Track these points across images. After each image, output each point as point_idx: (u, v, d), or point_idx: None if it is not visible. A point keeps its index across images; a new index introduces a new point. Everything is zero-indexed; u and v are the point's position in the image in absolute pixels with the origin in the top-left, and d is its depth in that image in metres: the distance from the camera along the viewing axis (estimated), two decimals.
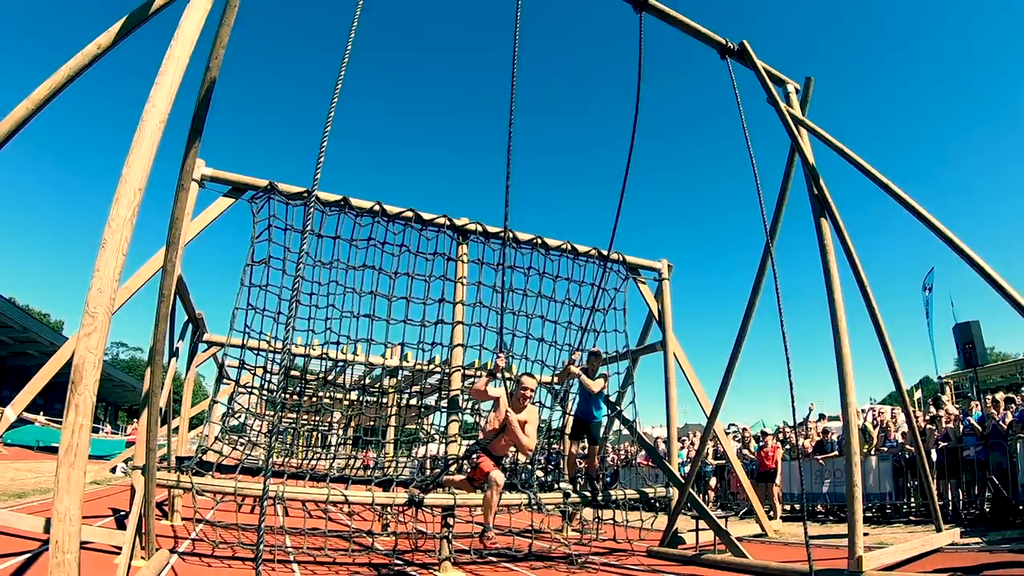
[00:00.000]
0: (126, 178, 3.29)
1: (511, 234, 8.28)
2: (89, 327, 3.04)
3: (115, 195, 3.27)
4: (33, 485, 12.46)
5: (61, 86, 3.43)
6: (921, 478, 8.93)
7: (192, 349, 10.59)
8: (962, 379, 18.08)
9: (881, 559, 6.36)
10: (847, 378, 6.32)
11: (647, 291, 9.38)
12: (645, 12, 6.54)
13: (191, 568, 5.97)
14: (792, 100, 7.66)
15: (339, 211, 7.77)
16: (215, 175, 7.26)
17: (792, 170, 7.45)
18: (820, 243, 6.81)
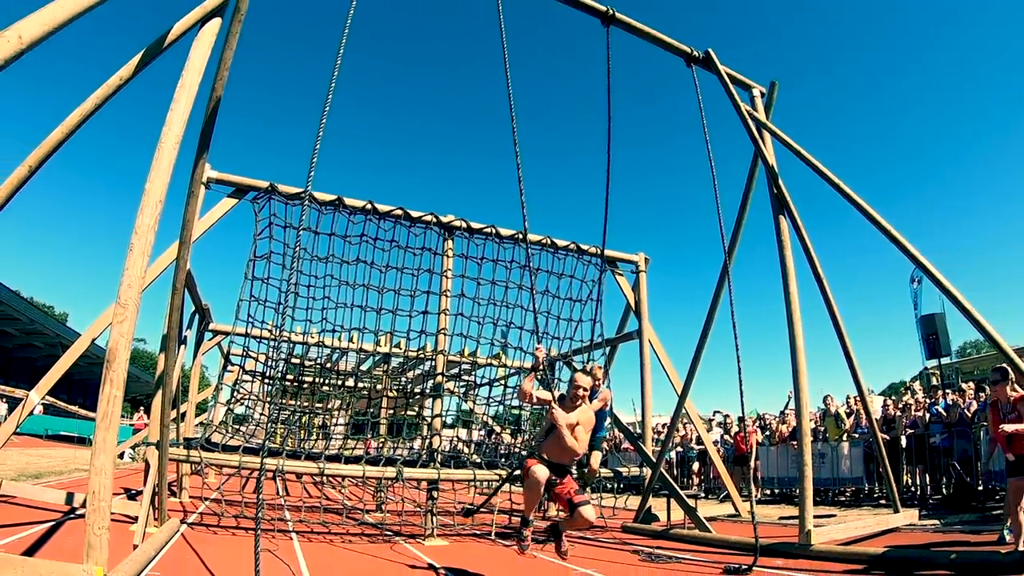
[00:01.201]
0: (149, 192, 4.02)
1: (494, 229, 9.03)
2: (121, 316, 3.78)
3: (140, 206, 4.00)
4: (47, 468, 13.31)
5: (89, 113, 4.14)
6: (878, 462, 9.67)
7: (199, 337, 11.41)
8: (949, 369, 18.72)
9: (831, 535, 7.10)
10: (800, 367, 7.02)
11: (624, 283, 10.10)
12: (613, 26, 7.20)
13: (199, 535, 6.77)
14: (757, 104, 8.33)
15: (334, 210, 8.53)
16: (220, 177, 8.01)
17: (756, 170, 8.12)
18: (778, 239, 7.50)
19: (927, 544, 6.87)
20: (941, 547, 6.53)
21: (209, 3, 4.76)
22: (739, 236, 8.26)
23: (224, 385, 12.38)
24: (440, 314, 8.64)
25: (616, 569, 5.99)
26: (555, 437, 4.83)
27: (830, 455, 11.64)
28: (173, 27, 4.55)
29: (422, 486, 8.01)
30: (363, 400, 12.70)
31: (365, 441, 12.07)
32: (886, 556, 5.94)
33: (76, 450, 22.13)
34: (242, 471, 7.40)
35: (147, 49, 4.40)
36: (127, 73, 4.27)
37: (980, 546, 6.34)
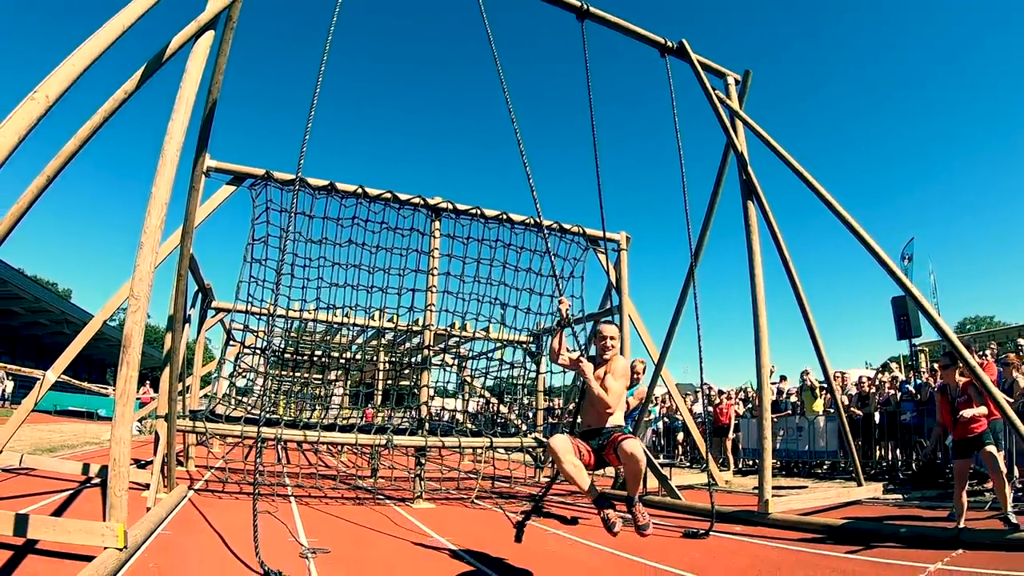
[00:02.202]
0: (155, 196, 4.64)
1: (479, 210, 9.66)
2: (135, 307, 4.43)
3: (147, 208, 4.62)
4: (60, 442, 14.16)
5: (98, 125, 4.70)
6: (841, 437, 10.36)
7: (202, 315, 12.14)
8: (936, 347, 19.32)
9: (791, 504, 7.77)
10: (762, 345, 7.63)
11: (606, 260, 10.71)
12: (587, 20, 7.67)
13: (204, 500, 7.54)
14: (731, 92, 8.82)
15: (327, 195, 9.14)
16: (219, 166, 8.63)
17: (728, 157, 8.65)
18: (746, 223, 8.06)
19: (883, 517, 7.37)
20: (896, 520, 7.00)
21: (202, 17, 5.30)
22: (711, 219, 8.83)
23: (226, 360, 13.18)
24: (428, 291, 9.34)
25: (583, 531, 6.68)
26: (588, 398, 4.45)
27: (807, 429, 12.33)
28: (171, 42, 5.09)
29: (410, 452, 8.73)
30: (360, 372, 13.50)
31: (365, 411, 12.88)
32: (841, 527, 6.43)
33: (86, 424, 23.14)
34: (245, 440, 8.15)
35: (148, 64, 4.95)
36: (131, 87, 4.83)
37: (931, 521, 6.76)
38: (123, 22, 4.06)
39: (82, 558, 4.03)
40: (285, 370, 13.81)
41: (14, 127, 3.07)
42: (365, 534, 6.09)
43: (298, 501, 7.90)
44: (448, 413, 13.89)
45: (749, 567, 5.05)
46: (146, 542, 4.95)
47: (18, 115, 3.13)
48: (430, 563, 5.05)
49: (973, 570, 4.74)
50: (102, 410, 27.14)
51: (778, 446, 12.79)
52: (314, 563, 4.68)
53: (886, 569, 4.99)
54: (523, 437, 9.22)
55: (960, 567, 4.83)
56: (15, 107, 3.14)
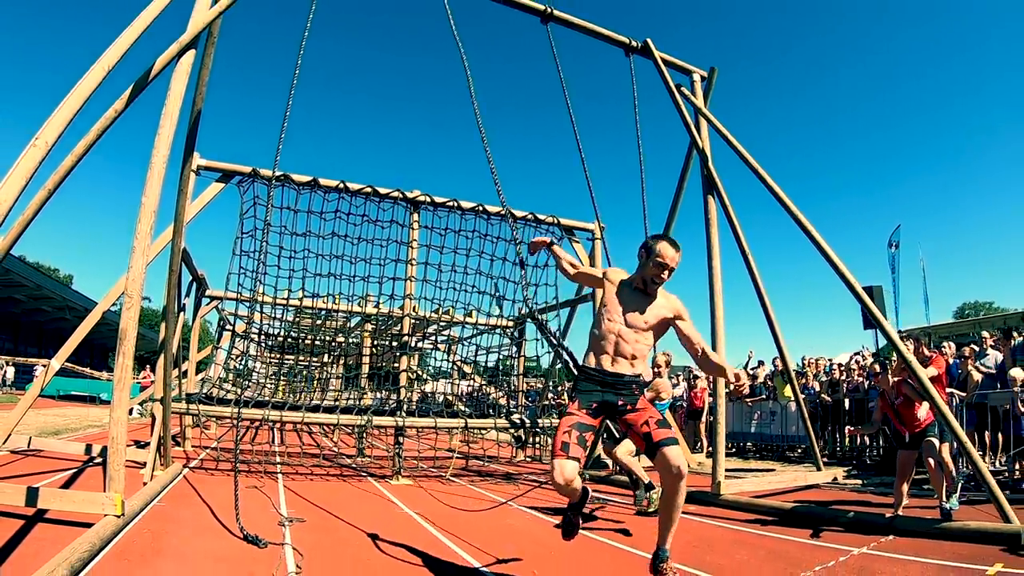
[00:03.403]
0: (144, 205, 5.31)
1: (456, 203, 10.35)
2: (128, 304, 5.14)
3: (139, 216, 5.31)
4: (63, 425, 15.02)
5: (92, 143, 5.34)
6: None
7: (197, 303, 12.92)
8: (945, 331, 20.00)
9: (743, 487, 8.40)
10: (718, 332, 8.28)
11: (581, 250, 11.37)
12: (551, 23, 8.24)
13: (198, 477, 8.32)
14: (696, 89, 9.38)
15: (310, 190, 9.80)
16: (208, 165, 9.33)
17: (692, 154, 9.23)
18: (705, 218, 8.69)
19: (835, 501, 7.81)
20: (846, 505, 7.38)
21: (184, 38, 5.93)
22: (676, 212, 9.44)
23: (220, 347, 13.99)
24: (407, 280, 10.06)
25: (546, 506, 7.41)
26: (604, 329, 3.57)
27: (780, 414, 13.03)
28: (155, 62, 5.73)
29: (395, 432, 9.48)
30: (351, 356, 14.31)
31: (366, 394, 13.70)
32: (789, 510, 6.93)
33: (88, 408, 24.09)
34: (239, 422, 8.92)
35: (135, 84, 5.59)
36: (120, 105, 5.48)
37: (879, 507, 7.04)
38: (109, 62, 4.71)
39: (85, 525, 4.71)
40: (275, 354, 14.67)
41: (22, 171, 3.75)
42: (341, 507, 6.84)
43: (285, 478, 8.68)
44: (442, 396, 14.72)
45: (687, 543, 5.45)
46: (142, 512, 5.70)
47: (24, 160, 3.81)
48: (393, 530, 5.78)
49: (892, 555, 5.13)
50: (104, 394, 28.13)
51: (753, 430, 13.51)
52: (289, 530, 5.42)
53: (815, 550, 5.39)
54: (496, 418, 9.95)
55: (882, 552, 5.24)
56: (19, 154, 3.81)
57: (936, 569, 4.68)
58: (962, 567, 4.68)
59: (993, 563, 4.70)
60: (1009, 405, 8.85)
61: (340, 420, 8.75)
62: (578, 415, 3.52)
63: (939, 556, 5.02)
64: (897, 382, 6.92)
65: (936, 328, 20.97)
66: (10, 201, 3.61)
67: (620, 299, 3.67)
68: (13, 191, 3.66)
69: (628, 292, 3.70)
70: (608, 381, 3.54)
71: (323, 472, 9.17)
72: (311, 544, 5.04)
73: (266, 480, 8.31)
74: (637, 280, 3.72)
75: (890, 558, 5.04)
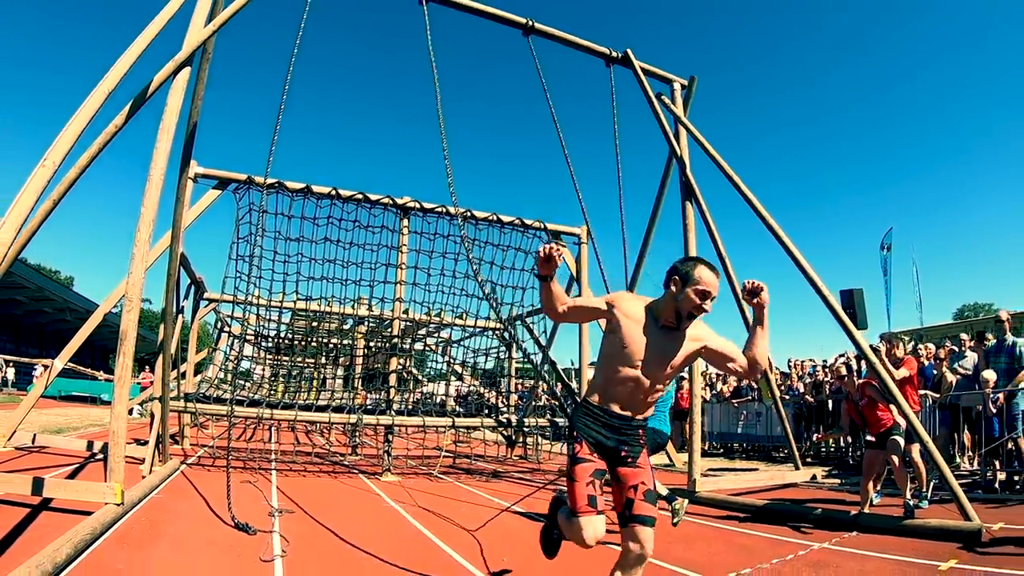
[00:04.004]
0: (143, 215, 5.74)
1: (445, 208, 10.80)
2: (128, 308, 5.57)
3: (138, 225, 5.73)
4: (65, 424, 15.45)
5: (94, 156, 5.76)
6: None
7: (195, 305, 13.36)
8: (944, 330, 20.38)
9: (719, 484, 8.77)
10: None
11: (568, 254, 11.78)
12: (533, 35, 8.65)
13: (195, 472, 8.74)
14: (676, 97, 9.77)
15: (303, 196, 10.23)
16: (205, 172, 9.77)
17: (672, 162, 9.62)
18: (683, 223, 9.07)
19: (809, 500, 8.04)
20: (819, 503, 7.63)
21: (179, 56, 6.36)
22: (657, 217, 9.85)
23: (218, 348, 14.45)
24: (397, 284, 10.49)
25: (529, 503, 7.78)
26: (620, 374, 3.00)
27: (766, 414, 13.41)
28: (152, 80, 6.17)
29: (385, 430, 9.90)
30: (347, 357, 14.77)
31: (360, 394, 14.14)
32: (762, 507, 7.24)
33: (89, 408, 24.56)
34: (235, 420, 9.35)
35: (134, 100, 6.02)
36: (120, 121, 5.91)
37: (851, 506, 7.23)
38: (109, 85, 5.14)
39: (87, 513, 5.14)
40: (271, 355, 15.14)
41: (33, 189, 4.19)
42: (330, 500, 7.26)
43: (279, 474, 9.10)
44: (439, 397, 15.15)
45: (661, 538, 5.65)
46: (141, 503, 6.13)
47: (34, 180, 4.25)
48: (376, 522, 6.21)
49: (852, 550, 5.39)
50: (105, 395, 28.59)
51: (739, 431, 13.92)
52: (278, 520, 5.84)
53: (780, 545, 5.66)
54: (484, 418, 10.37)
55: (843, 547, 5.50)
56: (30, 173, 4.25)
57: (892, 564, 4.90)
58: (918, 563, 4.89)
59: (948, 559, 4.91)
60: (981, 406, 9.16)
61: (331, 418, 9.18)
62: (592, 460, 3.02)
63: (898, 552, 5.24)
64: (862, 384, 7.21)
65: (928, 330, 21.32)
66: (24, 215, 4.05)
67: (643, 332, 2.99)
68: (26, 207, 4.11)
69: (652, 329, 2.99)
70: (614, 424, 3.06)
71: (316, 469, 9.60)
72: (297, 532, 5.46)
73: (260, 476, 8.73)
74: (666, 314, 3.01)
75: (849, 553, 5.30)
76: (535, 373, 13.77)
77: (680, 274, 2.99)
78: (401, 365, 14.95)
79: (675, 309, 2.98)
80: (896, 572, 4.72)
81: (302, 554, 4.75)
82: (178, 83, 6.34)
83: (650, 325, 3.01)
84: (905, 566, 4.83)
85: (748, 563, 4.89)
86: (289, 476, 8.94)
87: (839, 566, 4.88)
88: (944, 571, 4.66)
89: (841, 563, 4.97)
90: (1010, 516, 6.57)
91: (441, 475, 9.86)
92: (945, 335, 20.26)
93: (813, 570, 4.76)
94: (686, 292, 2.94)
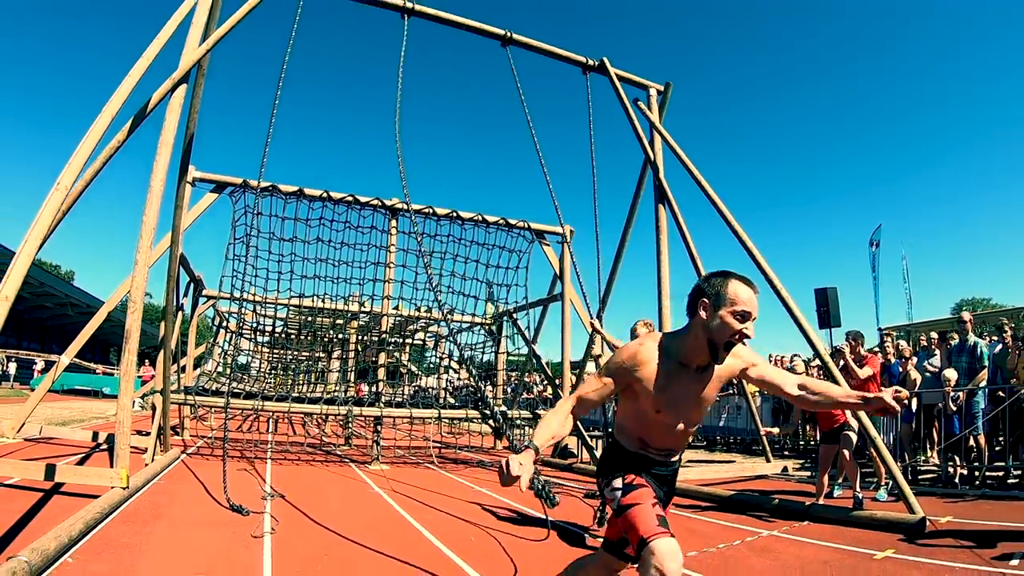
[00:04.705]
0: (145, 223, 6.32)
1: (432, 209, 11.37)
2: (132, 310, 6.15)
3: (140, 233, 6.31)
4: (69, 417, 16.07)
5: (99, 170, 6.31)
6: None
7: (194, 302, 13.97)
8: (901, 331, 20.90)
9: (687, 475, 9.27)
10: (665, 329, 9.23)
11: (551, 252, 12.36)
12: (511, 46, 9.16)
13: (195, 461, 9.36)
14: (652, 103, 10.29)
15: (296, 199, 10.80)
16: (203, 177, 10.36)
17: (647, 167, 10.15)
18: (656, 225, 9.63)
19: (774, 491, 8.25)
20: (782, 495, 7.83)
21: (176, 75, 6.92)
22: (633, 219, 10.40)
23: (217, 343, 15.10)
24: (386, 282, 11.08)
25: (510, 490, 8.36)
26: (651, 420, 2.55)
27: (745, 408, 13.98)
28: (151, 97, 6.73)
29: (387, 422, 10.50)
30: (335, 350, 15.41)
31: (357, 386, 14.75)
32: (727, 497, 7.60)
33: (92, 402, 25.23)
34: (233, 412, 9.96)
35: (134, 117, 6.59)
36: (123, 136, 6.48)
37: (812, 497, 7.44)
38: (112, 110, 5.72)
39: (95, 496, 5.69)
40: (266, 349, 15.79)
41: (50, 210, 4.77)
42: (320, 486, 7.87)
43: (274, 463, 9.71)
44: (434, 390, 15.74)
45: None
46: (144, 487, 6.73)
47: (50, 203, 4.84)
48: (361, 505, 6.80)
49: (797, 538, 5.70)
50: (106, 388, 29.30)
51: (721, 424, 14.52)
52: (270, 503, 6.44)
53: (732, 531, 6.05)
54: (468, 409, 10.95)
55: (790, 535, 5.84)
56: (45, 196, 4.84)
57: (830, 552, 5.21)
58: (856, 551, 5.20)
59: (887, 549, 5.21)
60: (941, 404, 9.60)
61: (323, 410, 9.78)
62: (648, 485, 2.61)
63: (840, 541, 5.56)
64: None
65: (917, 325, 21.82)
66: (44, 231, 4.62)
67: (670, 385, 2.46)
68: (45, 225, 4.69)
69: (678, 376, 2.47)
70: (657, 459, 2.68)
71: (309, 458, 10.22)
72: (287, 513, 6.06)
73: (257, 464, 9.35)
74: (694, 351, 2.46)
75: (794, 541, 5.67)
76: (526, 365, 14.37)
77: (708, 295, 2.42)
78: (395, 359, 15.64)
79: (708, 341, 2.39)
80: (833, 559, 5.06)
81: (289, 531, 5.35)
82: (175, 100, 6.91)
83: (675, 373, 2.45)
84: (843, 554, 5.15)
85: (699, 547, 5.29)
86: (283, 465, 9.55)
87: (781, 552, 5.25)
88: (879, 560, 4.95)
89: (784, 549, 5.35)
90: (962, 510, 6.90)
91: (429, 464, 10.46)
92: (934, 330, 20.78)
93: (755, 555, 5.17)
94: (720, 317, 2.37)
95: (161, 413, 8.83)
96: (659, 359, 2.45)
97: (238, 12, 7.42)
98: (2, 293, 4.34)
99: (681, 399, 2.48)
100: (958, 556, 4.93)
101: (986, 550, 5.08)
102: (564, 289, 12.18)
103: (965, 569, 4.58)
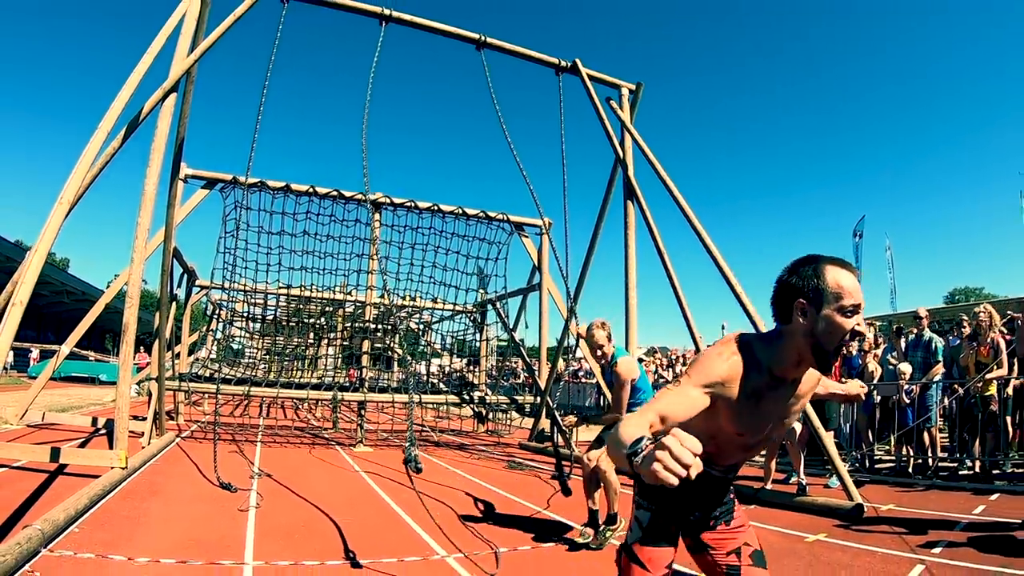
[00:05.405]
0: (140, 224, 6.89)
1: (413, 203, 11.94)
2: (129, 304, 6.74)
3: (135, 233, 6.88)
4: (68, 404, 16.66)
5: (96, 175, 6.86)
6: None
7: (188, 292, 14.56)
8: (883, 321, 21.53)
9: None
10: (631, 323, 9.82)
11: (530, 244, 12.94)
12: (485, 49, 9.63)
13: (189, 444, 9.99)
14: (624, 102, 10.77)
15: (283, 194, 11.36)
16: (194, 174, 10.91)
17: (618, 165, 10.67)
18: (624, 220, 10.17)
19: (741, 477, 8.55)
20: (746, 480, 7.95)
21: (166, 84, 7.45)
22: (605, 214, 10.95)
23: (210, 331, 15.73)
24: (370, 273, 11.69)
25: (483, 472, 9.01)
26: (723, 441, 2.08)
27: None
28: (144, 106, 7.26)
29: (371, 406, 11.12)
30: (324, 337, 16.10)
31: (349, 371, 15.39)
32: None
33: (89, 388, 25.87)
34: (225, 397, 10.58)
35: (129, 124, 7.13)
36: (117, 144, 7.01)
37: (778, 484, 7.85)
38: (107, 126, 6.26)
39: (96, 476, 6.28)
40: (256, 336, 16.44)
41: (54, 224, 5.34)
42: (306, 466, 8.51)
43: (264, 445, 10.35)
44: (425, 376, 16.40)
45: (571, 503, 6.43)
46: (141, 468, 7.35)
47: (55, 217, 5.41)
48: (342, 483, 7.42)
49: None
50: (103, 375, 29.94)
51: None
52: (257, 481, 7.06)
53: None
54: (448, 394, 11.60)
55: None
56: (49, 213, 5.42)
57: (766, 533, 5.42)
58: (790, 533, 5.50)
59: (819, 532, 5.50)
60: (895, 396, 10.08)
61: (309, 395, 10.41)
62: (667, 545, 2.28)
63: (779, 524, 5.83)
64: None
65: (899, 316, 22.45)
66: (49, 244, 5.21)
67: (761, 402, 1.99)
68: (50, 239, 5.26)
69: (772, 387, 2.00)
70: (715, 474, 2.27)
71: (298, 441, 10.87)
72: (272, 489, 6.70)
73: (247, 447, 9.98)
74: (792, 361, 1.97)
75: None
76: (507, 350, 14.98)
77: (804, 293, 1.90)
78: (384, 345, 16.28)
79: (814, 347, 1.90)
80: (765, 542, 5.47)
81: (273, 506, 5.97)
82: (166, 107, 7.45)
83: (768, 388, 1.99)
84: (778, 536, 5.40)
85: None
86: (272, 447, 10.20)
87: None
88: (808, 542, 5.21)
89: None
90: (909, 500, 7.12)
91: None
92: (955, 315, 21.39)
93: None
94: (826, 316, 1.86)
95: (156, 399, 9.44)
96: (751, 372, 1.95)
97: (224, 22, 7.90)
98: (16, 298, 4.91)
99: (770, 417, 2.05)
100: (885, 542, 5.16)
101: (916, 536, 5.28)
102: (542, 279, 12.76)
103: (886, 554, 4.82)
